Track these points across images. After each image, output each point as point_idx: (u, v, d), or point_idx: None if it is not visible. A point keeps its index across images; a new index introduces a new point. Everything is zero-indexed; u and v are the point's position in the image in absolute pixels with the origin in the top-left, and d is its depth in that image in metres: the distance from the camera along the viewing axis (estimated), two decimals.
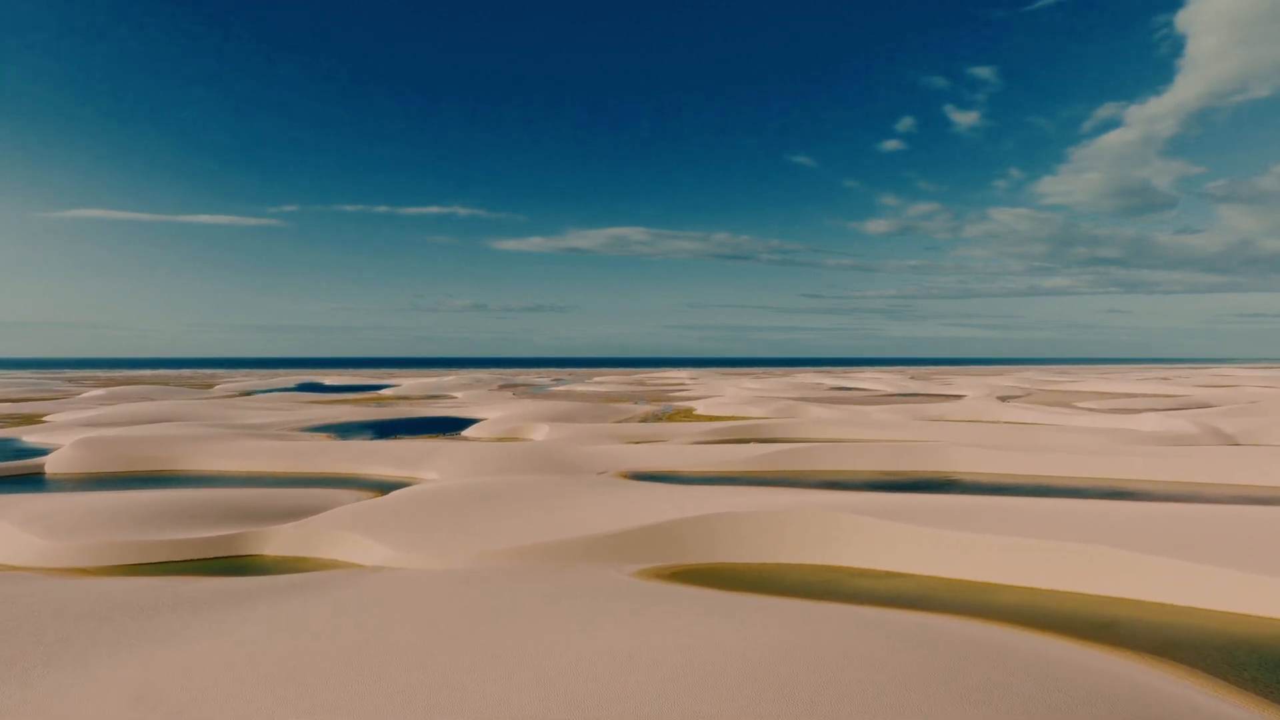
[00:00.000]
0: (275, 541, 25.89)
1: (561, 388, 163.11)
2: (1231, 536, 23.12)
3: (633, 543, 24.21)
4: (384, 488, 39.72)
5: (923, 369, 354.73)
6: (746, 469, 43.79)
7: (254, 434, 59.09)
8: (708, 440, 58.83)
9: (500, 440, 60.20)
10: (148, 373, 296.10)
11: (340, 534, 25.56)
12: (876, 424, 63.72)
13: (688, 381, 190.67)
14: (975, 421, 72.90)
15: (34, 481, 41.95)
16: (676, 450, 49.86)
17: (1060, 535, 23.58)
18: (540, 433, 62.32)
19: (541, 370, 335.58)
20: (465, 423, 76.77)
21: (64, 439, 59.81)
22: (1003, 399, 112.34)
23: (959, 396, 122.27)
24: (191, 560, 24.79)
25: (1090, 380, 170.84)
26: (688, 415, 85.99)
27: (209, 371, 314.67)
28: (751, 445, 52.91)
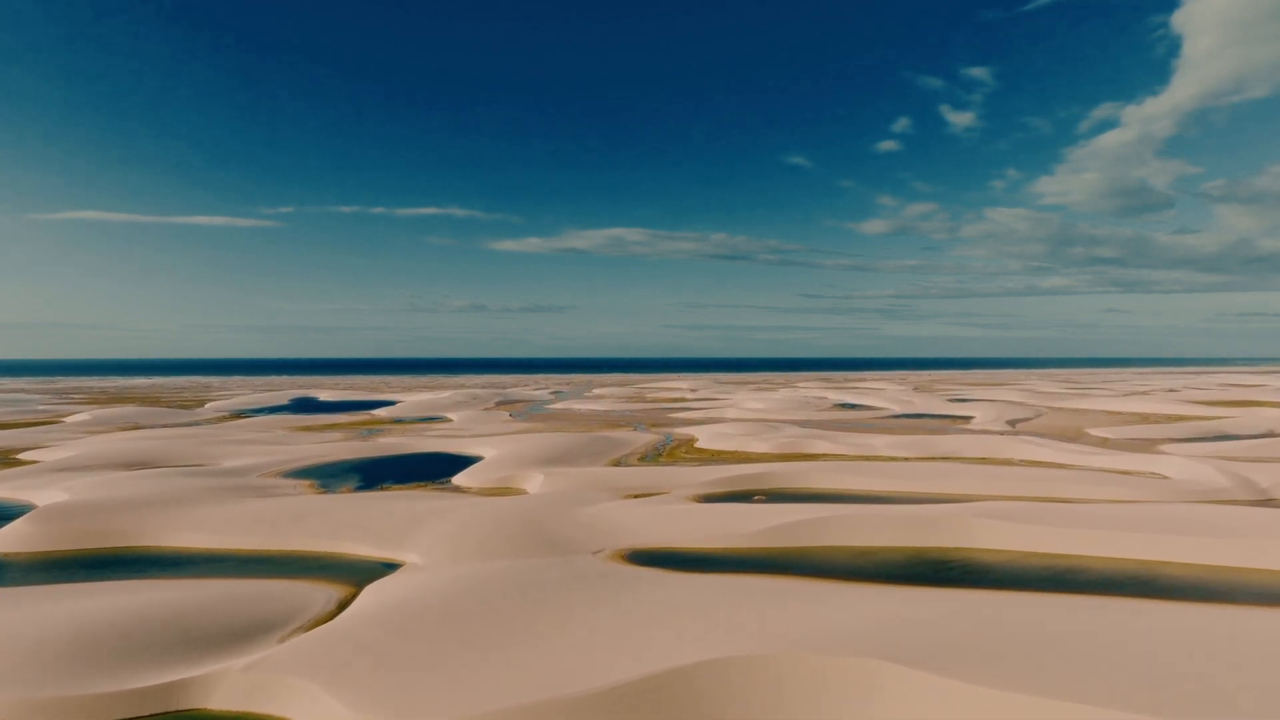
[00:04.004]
0: (221, 691, 22.69)
1: (560, 404, 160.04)
2: None
3: (628, 702, 21.03)
4: (360, 573, 36.60)
5: (925, 374, 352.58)
6: (754, 545, 40.61)
7: (231, 488, 55.90)
8: (711, 492, 55.73)
9: (491, 492, 57.09)
10: (142, 382, 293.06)
11: (293, 683, 22.37)
12: (888, 472, 60.55)
13: (687, 395, 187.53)
14: (989, 462, 69.77)
15: None
16: (677, 513, 46.68)
17: (1117, 686, 20.58)
18: (534, 483, 59.16)
19: (540, 377, 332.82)
20: (457, 460, 73.69)
21: (32, 493, 56.64)
22: (1012, 423, 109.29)
23: (967, 418, 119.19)
24: None
25: (1097, 394, 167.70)
26: (689, 448, 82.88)
27: (204, 379, 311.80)
28: (758, 504, 49.77)
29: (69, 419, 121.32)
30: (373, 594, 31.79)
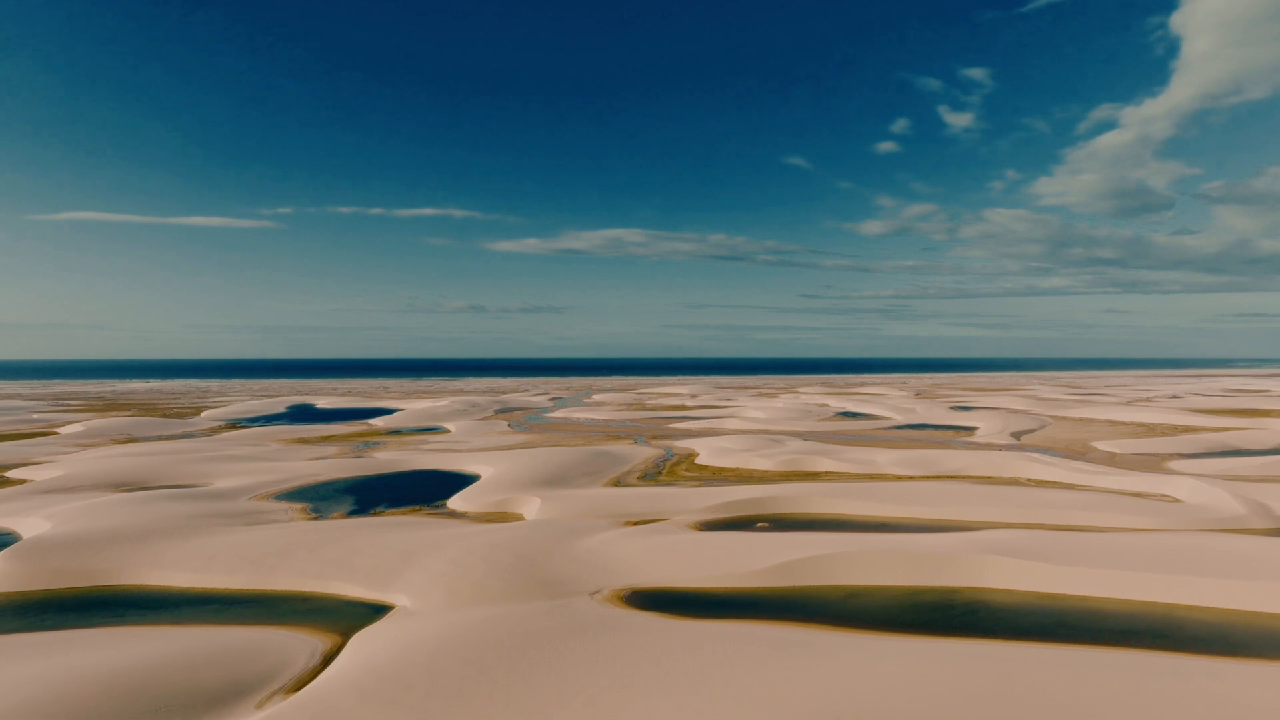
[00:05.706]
0: None
1: (559, 412, 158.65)
2: None
3: None
4: (347, 617, 35.20)
5: (925, 377, 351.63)
6: (757, 585, 39.16)
7: (219, 514, 54.51)
8: (712, 519, 54.36)
9: (488, 517, 55.75)
10: (140, 385, 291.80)
11: None
12: (892, 495, 59.18)
13: (687, 401, 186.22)
14: (995, 481, 68.39)
15: None
16: (677, 545, 45.29)
17: None
18: (531, 507, 57.79)
19: (539, 380, 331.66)
20: (454, 479, 72.32)
21: (18, 519, 55.21)
22: (1017, 435, 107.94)
23: (971, 429, 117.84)
24: None
25: (1100, 401, 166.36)
26: (690, 464, 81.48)
27: (202, 383, 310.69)
28: (761, 533, 48.37)
29: (63, 429, 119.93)
30: (358, 647, 30.37)
